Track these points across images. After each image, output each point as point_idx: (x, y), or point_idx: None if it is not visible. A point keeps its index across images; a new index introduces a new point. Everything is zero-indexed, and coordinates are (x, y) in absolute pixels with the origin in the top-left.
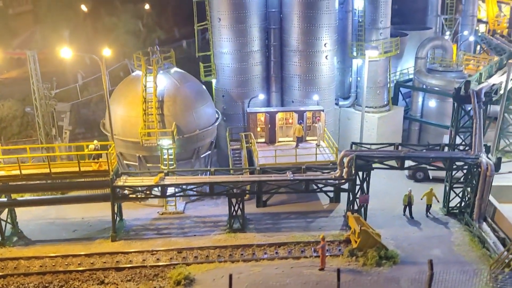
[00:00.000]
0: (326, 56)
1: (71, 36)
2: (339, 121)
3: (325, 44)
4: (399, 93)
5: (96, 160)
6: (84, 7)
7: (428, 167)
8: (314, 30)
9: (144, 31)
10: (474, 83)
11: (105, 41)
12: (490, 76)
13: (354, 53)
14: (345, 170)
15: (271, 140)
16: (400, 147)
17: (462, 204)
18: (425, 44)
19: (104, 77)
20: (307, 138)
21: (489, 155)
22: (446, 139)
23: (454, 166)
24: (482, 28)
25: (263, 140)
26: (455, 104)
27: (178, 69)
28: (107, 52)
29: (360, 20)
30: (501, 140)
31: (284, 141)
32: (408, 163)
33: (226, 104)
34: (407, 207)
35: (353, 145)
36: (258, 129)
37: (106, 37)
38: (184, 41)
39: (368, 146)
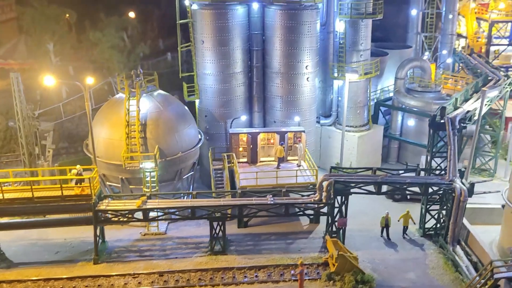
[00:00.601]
0: (308, 78)
1: (56, 49)
2: (321, 139)
3: (306, 67)
4: (379, 111)
5: (78, 185)
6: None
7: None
8: (295, 53)
9: (129, 45)
10: (450, 107)
11: (90, 55)
12: (466, 99)
13: (335, 74)
14: (324, 194)
15: (253, 160)
16: (377, 171)
17: (438, 226)
18: (405, 65)
19: (88, 103)
20: (289, 158)
21: (463, 180)
22: (423, 159)
23: (430, 191)
24: (462, 42)
25: (245, 160)
26: (431, 131)
27: (161, 91)
28: (90, 80)
29: (341, 42)
30: (477, 158)
31: (266, 161)
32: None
33: (209, 124)
34: (384, 228)
35: (332, 169)
36: (240, 149)
37: (91, 51)
38: (168, 53)
39: (347, 170)
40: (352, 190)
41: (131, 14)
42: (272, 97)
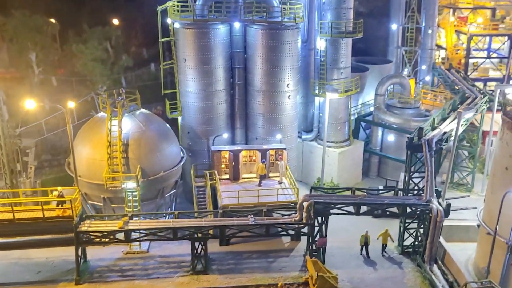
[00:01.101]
0: (289, 96)
1: (38, 59)
2: (302, 153)
3: (287, 85)
4: (360, 126)
5: (60, 206)
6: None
7: None
8: (277, 72)
9: (112, 56)
10: (427, 127)
11: (73, 67)
12: (443, 118)
13: (316, 91)
14: (304, 214)
15: (235, 177)
16: (357, 191)
17: (416, 244)
18: (384, 81)
19: (69, 125)
20: (270, 174)
21: (440, 200)
22: (403, 176)
23: (408, 211)
24: (442, 53)
25: (227, 176)
26: (409, 152)
27: (143, 110)
28: (71, 103)
29: (322, 60)
30: (455, 173)
31: (248, 178)
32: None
33: (191, 140)
34: (364, 247)
35: (312, 189)
36: (222, 165)
37: (74, 62)
38: (152, 64)
39: (327, 190)
40: (332, 211)
41: (115, 21)
42: (254, 114)
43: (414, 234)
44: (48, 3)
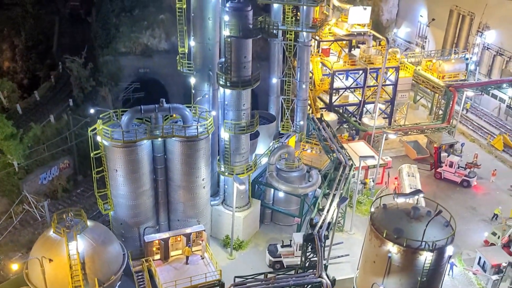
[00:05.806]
0: (204, 186)
1: None
2: (211, 215)
3: (203, 179)
4: (256, 186)
5: None
6: None
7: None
8: (194, 172)
9: (5, 105)
10: (315, 212)
11: None
12: (324, 194)
13: (222, 169)
14: None
15: (166, 256)
16: (268, 275)
17: None
18: (275, 152)
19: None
20: (194, 249)
21: (327, 272)
22: (295, 236)
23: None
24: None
25: (158, 257)
26: (305, 242)
27: (90, 224)
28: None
29: (226, 147)
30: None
31: (175, 255)
32: None
33: (124, 229)
34: None
35: (236, 278)
36: (154, 248)
37: None
38: (51, 115)
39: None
40: None
41: None
42: (176, 202)
43: None
44: None
